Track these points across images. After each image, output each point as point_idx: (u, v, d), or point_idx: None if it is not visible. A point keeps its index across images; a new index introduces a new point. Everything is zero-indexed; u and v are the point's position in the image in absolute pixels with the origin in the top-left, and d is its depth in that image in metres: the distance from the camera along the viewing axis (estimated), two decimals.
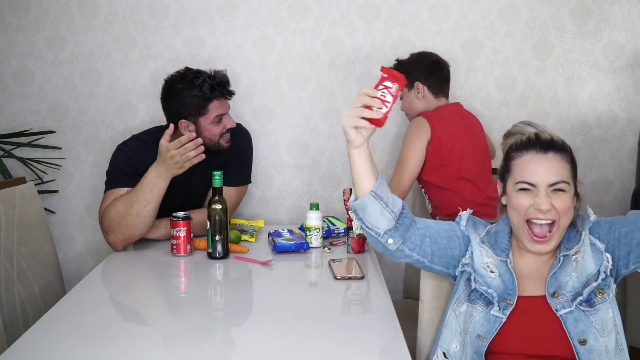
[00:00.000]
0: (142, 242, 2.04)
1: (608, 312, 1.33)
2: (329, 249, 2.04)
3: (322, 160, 2.68)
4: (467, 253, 1.43)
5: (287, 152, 2.67)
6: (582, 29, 2.60)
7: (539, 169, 1.32)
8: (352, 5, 2.57)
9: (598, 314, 1.32)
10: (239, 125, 2.26)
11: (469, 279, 1.41)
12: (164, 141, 1.94)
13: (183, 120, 2.03)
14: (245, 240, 2.12)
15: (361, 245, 1.99)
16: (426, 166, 2.24)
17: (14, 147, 2.55)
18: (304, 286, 1.80)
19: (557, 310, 1.32)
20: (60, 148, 2.62)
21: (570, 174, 1.35)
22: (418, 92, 2.31)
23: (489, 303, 1.37)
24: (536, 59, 2.62)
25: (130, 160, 2.07)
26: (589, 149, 2.67)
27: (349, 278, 1.73)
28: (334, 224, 2.20)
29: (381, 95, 1.28)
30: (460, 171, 2.22)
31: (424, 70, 2.31)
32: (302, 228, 2.21)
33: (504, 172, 1.40)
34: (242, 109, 2.61)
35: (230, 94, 2.10)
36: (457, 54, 2.61)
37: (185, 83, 2.02)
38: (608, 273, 1.35)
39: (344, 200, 1.99)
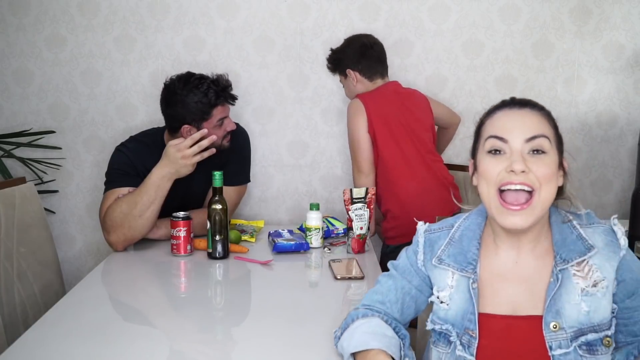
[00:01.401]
0: (142, 242, 2.04)
1: None
2: (329, 249, 2.04)
3: (322, 160, 2.68)
4: (434, 289, 1.23)
5: (287, 152, 2.67)
6: (582, 29, 2.60)
7: (512, 123, 1.10)
8: (352, 5, 2.57)
9: None
10: (236, 124, 2.26)
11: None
12: (173, 143, 1.95)
13: (186, 126, 2.01)
14: (246, 241, 2.11)
15: (361, 245, 1.99)
16: (377, 143, 2.25)
17: (14, 147, 2.55)
18: (304, 286, 1.80)
19: (551, 347, 1.09)
20: (60, 148, 2.62)
21: (553, 135, 1.12)
22: (352, 79, 2.33)
23: (450, 342, 1.18)
24: (536, 59, 2.62)
25: (129, 161, 2.07)
26: (589, 149, 2.67)
27: (349, 278, 1.73)
28: (333, 225, 2.20)
29: None
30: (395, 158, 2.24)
31: (353, 57, 2.32)
32: (302, 228, 2.21)
33: (475, 143, 1.18)
34: (242, 109, 2.61)
35: (234, 99, 2.09)
36: (457, 54, 2.61)
37: (189, 89, 1.99)
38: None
39: (344, 201, 1.98)
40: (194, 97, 1.98)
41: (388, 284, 1.26)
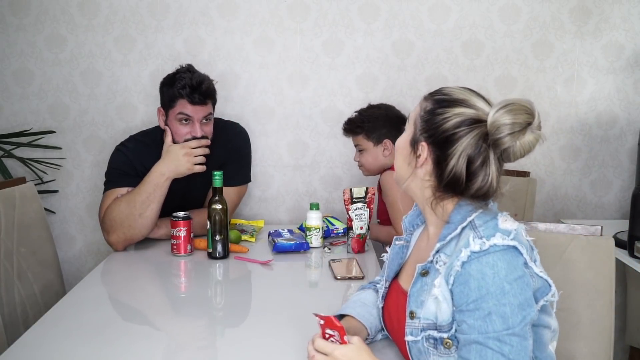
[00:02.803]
0: (142, 242, 2.04)
1: None
2: (329, 249, 2.04)
3: (322, 160, 2.68)
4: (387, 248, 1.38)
5: (287, 152, 2.67)
6: (582, 29, 2.60)
7: None
8: (352, 5, 2.57)
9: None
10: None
11: None
12: (169, 141, 2.01)
13: (160, 107, 2.09)
14: (246, 240, 2.12)
15: (361, 245, 1.99)
16: None
17: (14, 147, 2.55)
18: (304, 286, 1.80)
19: (406, 333, 1.13)
20: (60, 148, 2.62)
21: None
22: (385, 149, 2.17)
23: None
24: (536, 59, 2.62)
25: (128, 161, 2.07)
26: (589, 149, 2.67)
27: (349, 278, 1.73)
28: (332, 224, 2.20)
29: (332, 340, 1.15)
30: None
31: (392, 128, 2.14)
32: (302, 228, 2.21)
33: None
34: (242, 109, 2.61)
35: (200, 97, 2.00)
36: (457, 54, 2.61)
37: (176, 76, 2.05)
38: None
39: (344, 200, 1.99)
40: (170, 84, 2.04)
41: None
